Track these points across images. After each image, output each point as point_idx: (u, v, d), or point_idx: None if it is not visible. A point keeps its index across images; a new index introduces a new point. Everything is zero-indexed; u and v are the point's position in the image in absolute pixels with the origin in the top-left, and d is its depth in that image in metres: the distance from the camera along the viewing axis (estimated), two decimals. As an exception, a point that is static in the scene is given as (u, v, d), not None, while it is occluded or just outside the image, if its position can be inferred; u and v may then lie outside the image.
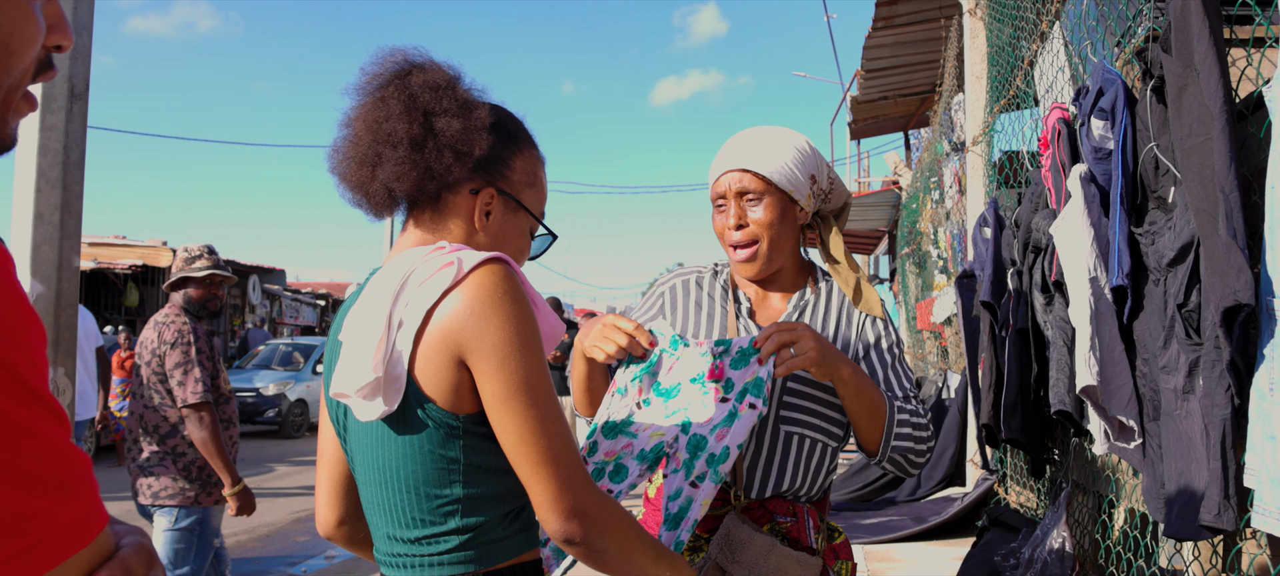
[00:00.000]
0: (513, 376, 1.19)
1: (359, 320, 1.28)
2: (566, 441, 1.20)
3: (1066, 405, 2.59)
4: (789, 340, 1.63)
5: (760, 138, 1.79)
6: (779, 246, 1.78)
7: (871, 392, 1.69)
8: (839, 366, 1.65)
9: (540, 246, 1.46)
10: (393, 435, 1.27)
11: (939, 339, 8.14)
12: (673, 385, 1.68)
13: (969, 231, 4.80)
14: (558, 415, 1.21)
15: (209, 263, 3.68)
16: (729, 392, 1.64)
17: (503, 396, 1.19)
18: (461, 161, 1.29)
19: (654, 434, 1.65)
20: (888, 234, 14.68)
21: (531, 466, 1.19)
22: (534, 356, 1.20)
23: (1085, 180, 2.38)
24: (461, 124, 1.28)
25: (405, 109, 1.27)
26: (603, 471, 1.65)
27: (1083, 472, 3.32)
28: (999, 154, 4.58)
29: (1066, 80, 3.18)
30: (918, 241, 9.24)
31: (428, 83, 1.29)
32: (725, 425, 1.61)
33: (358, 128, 1.30)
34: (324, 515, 1.48)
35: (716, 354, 1.66)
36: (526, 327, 1.20)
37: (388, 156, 1.27)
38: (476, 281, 1.21)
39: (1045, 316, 2.88)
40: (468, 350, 1.20)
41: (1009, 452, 4.54)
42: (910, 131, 12.86)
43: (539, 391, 1.19)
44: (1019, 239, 3.13)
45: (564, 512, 1.19)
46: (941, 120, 7.43)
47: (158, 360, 3.47)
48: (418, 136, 1.27)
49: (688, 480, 1.60)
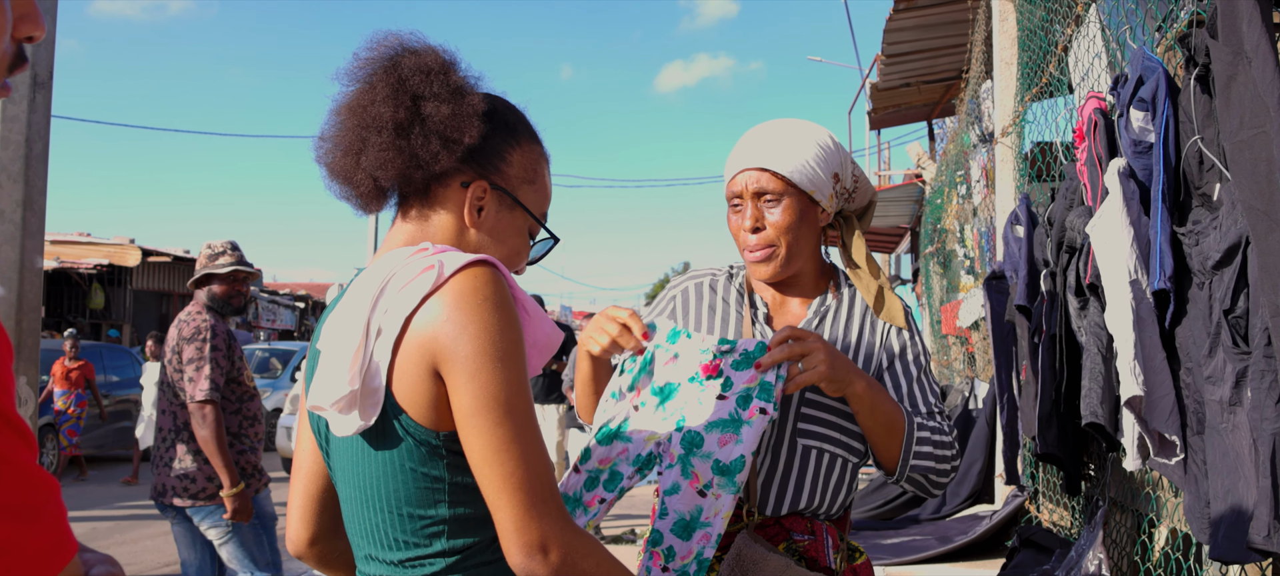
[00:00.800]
0: (483, 390, 1.17)
1: (337, 327, 1.28)
2: (538, 466, 1.18)
3: (1099, 417, 2.59)
4: (798, 353, 1.63)
5: (780, 133, 1.78)
6: (798, 250, 1.79)
7: (888, 408, 1.69)
8: (852, 380, 1.65)
9: (540, 250, 1.45)
10: (372, 451, 1.27)
11: (965, 345, 8.13)
12: (669, 384, 1.69)
13: (998, 229, 4.80)
14: (532, 437, 1.19)
15: (233, 259, 3.90)
16: (728, 392, 1.64)
17: (470, 411, 1.18)
18: (450, 149, 1.29)
19: (649, 437, 1.66)
20: (910, 231, 14.67)
21: (494, 490, 1.18)
22: (509, 370, 1.18)
23: (1124, 176, 2.38)
24: (451, 109, 1.28)
25: (393, 92, 1.27)
26: (597, 480, 1.66)
27: (1120, 489, 3.32)
28: (1030, 146, 4.58)
29: (1103, 67, 3.18)
30: (942, 239, 9.24)
31: (419, 66, 1.29)
32: (727, 429, 1.62)
33: (345, 114, 1.30)
34: (296, 531, 1.48)
35: (718, 351, 1.67)
36: (505, 339, 1.19)
37: (372, 142, 1.27)
38: (457, 286, 1.20)
39: (1079, 321, 2.88)
40: (442, 360, 1.20)
41: (1041, 468, 4.54)
42: (934, 121, 12.85)
43: (510, 408, 1.18)
44: (1052, 238, 3.12)
45: (527, 545, 1.17)
46: (968, 109, 7.42)
47: (177, 357, 3.70)
48: (403, 121, 1.27)
49: (686, 478, 1.61)
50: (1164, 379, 2.26)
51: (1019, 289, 3.57)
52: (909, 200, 12.92)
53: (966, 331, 7.70)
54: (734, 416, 1.63)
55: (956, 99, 9.32)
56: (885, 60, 9.72)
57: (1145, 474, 3.02)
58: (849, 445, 1.76)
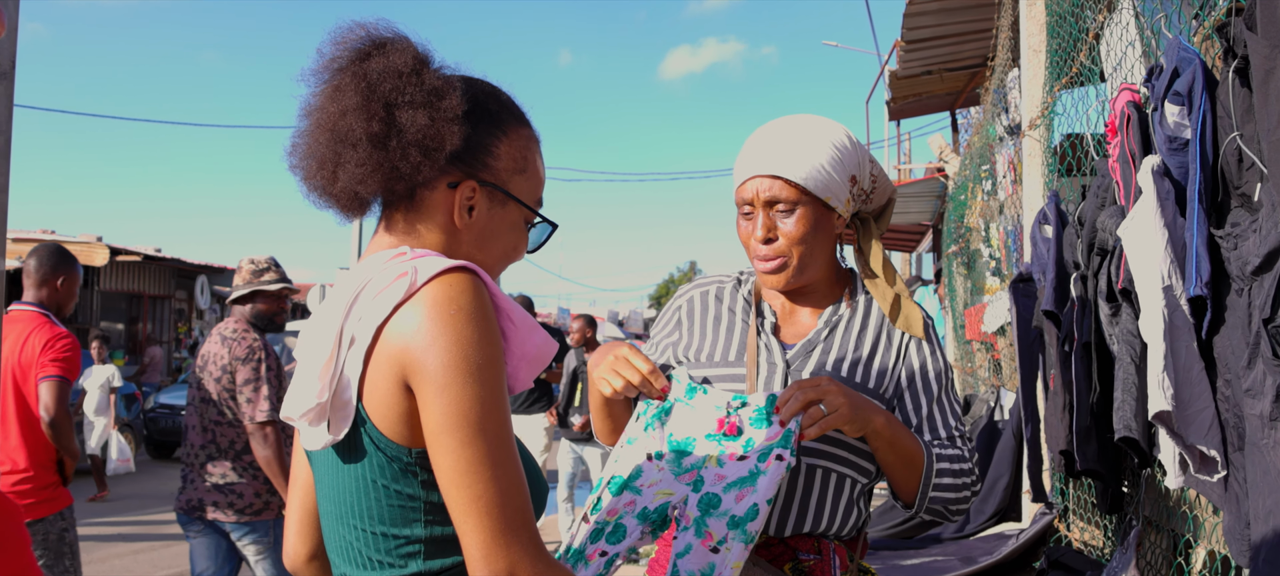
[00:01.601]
0: (452, 407, 1.18)
1: (312, 335, 1.29)
2: (510, 489, 1.18)
3: (1132, 431, 2.59)
4: (814, 398, 1.64)
5: (793, 134, 1.78)
6: (812, 260, 1.79)
7: (906, 443, 1.71)
8: (872, 418, 1.67)
9: (538, 238, 1.45)
10: (343, 465, 1.28)
11: (991, 351, 8.13)
12: (686, 438, 1.70)
13: (1025, 227, 4.80)
14: (504, 458, 1.19)
15: (277, 276, 4.26)
16: (749, 451, 1.65)
17: (438, 429, 1.18)
18: (431, 158, 1.29)
19: (661, 492, 1.67)
20: (932, 229, 14.67)
21: (461, 513, 1.18)
22: (481, 385, 1.18)
23: (1158, 174, 2.39)
24: (429, 116, 1.28)
25: (364, 101, 1.27)
26: (601, 532, 1.67)
27: (1155, 508, 3.32)
28: (1060, 138, 4.58)
29: (1137, 57, 3.19)
30: (966, 238, 9.24)
31: (388, 68, 1.28)
32: (745, 485, 1.63)
33: (315, 124, 1.30)
34: (293, 547, 1.49)
35: (732, 409, 1.68)
36: (479, 351, 1.19)
37: (348, 157, 1.27)
38: (430, 295, 1.21)
39: (1111, 329, 2.89)
40: (412, 373, 1.20)
41: (1072, 483, 4.54)
42: (958, 111, 12.85)
43: (481, 426, 1.18)
44: (1083, 239, 3.13)
45: (493, 573, 1.17)
46: (994, 99, 7.43)
47: (228, 376, 3.97)
48: (379, 133, 1.27)
49: (700, 538, 1.62)
50: (1202, 391, 2.26)
51: (1047, 293, 3.58)
52: (931, 196, 12.92)
53: (992, 337, 7.70)
54: (754, 471, 1.65)
55: (981, 88, 9.32)
56: (905, 46, 9.73)
57: (1183, 492, 3.03)
58: (858, 465, 1.77)
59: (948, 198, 11.32)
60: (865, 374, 1.80)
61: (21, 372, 3.86)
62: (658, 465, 1.69)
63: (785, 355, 1.82)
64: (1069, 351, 3.32)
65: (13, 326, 3.93)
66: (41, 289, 4.02)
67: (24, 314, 3.97)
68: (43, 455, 3.83)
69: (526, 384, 1.34)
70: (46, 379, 3.81)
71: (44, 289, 4.02)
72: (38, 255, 4.06)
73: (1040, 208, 3.96)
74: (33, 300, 4.02)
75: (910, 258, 18.37)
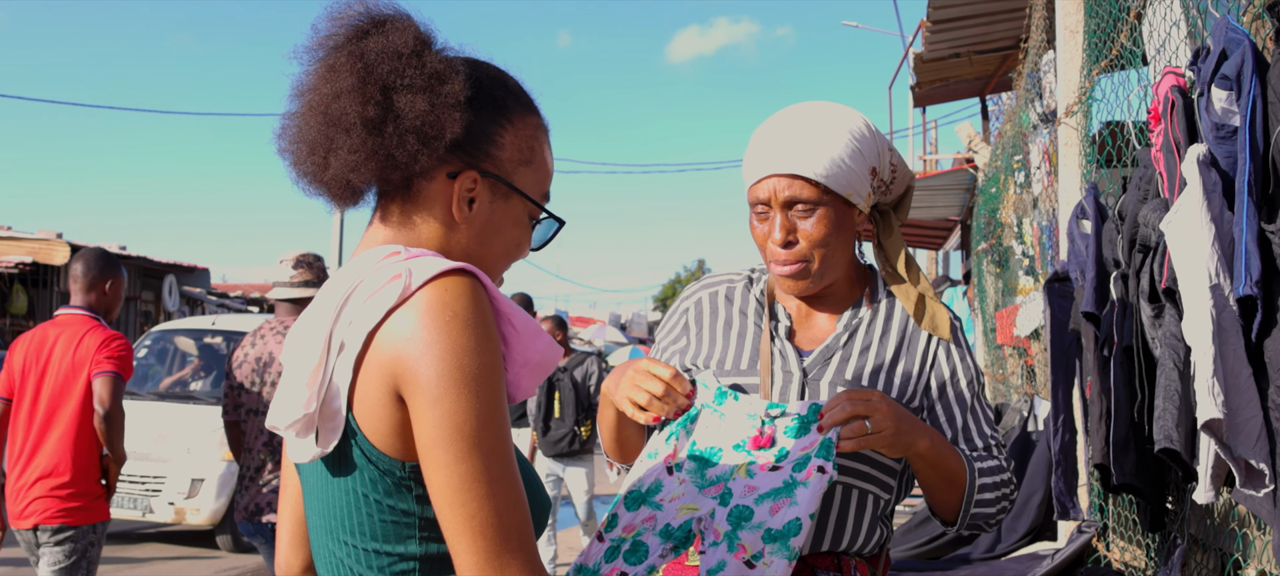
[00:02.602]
0: (445, 419, 1.19)
1: (300, 339, 1.30)
2: (506, 506, 1.19)
3: (1174, 443, 2.60)
4: (862, 412, 1.64)
5: (810, 126, 1.77)
6: (833, 261, 1.80)
7: (950, 462, 1.72)
8: (916, 439, 1.68)
9: (544, 235, 1.46)
10: (333, 479, 1.29)
11: (1024, 356, 8.14)
12: (711, 448, 1.69)
13: (1062, 223, 4.81)
14: (501, 474, 1.20)
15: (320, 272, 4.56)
16: (782, 461, 1.66)
17: (431, 442, 1.19)
18: (430, 147, 1.30)
19: (684, 507, 1.67)
20: (960, 224, 14.66)
21: (454, 532, 1.19)
22: (478, 397, 1.19)
23: (1204, 164, 2.39)
24: (429, 102, 1.28)
25: (359, 83, 1.28)
26: (617, 551, 1.67)
27: (1201, 525, 3.33)
28: (1098, 126, 4.58)
29: (1182, 38, 3.19)
30: (998, 234, 9.24)
31: (387, 49, 1.29)
32: (780, 496, 1.63)
33: (307, 105, 1.31)
34: (285, 558, 1.51)
35: (767, 418, 1.68)
36: (475, 361, 1.20)
37: (341, 143, 1.28)
38: (424, 299, 1.22)
39: (1154, 332, 2.89)
40: (404, 383, 1.21)
41: (1111, 499, 4.55)
42: (988, 97, 12.84)
43: (477, 440, 1.19)
44: (1124, 234, 3.14)
45: None
46: (1027, 83, 7.43)
47: None
48: (374, 118, 1.28)
49: (733, 552, 1.62)
50: (1250, 398, 2.27)
51: (1087, 293, 3.58)
52: (959, 189, 12.92)
53: (1025, 341, 7.71)
54: (789, 482, 1.65)
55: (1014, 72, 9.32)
56: (931, 26, 9.72)
57: (1232, 507, 3.03)
58: (881, 481, 1.78)
59: (977, 191, 11.32)
60: (888, 382, 1.80)
61: (73, 374, 4.24)
62: (679, 478, 1.69)
63: (802, 363, 1.82)
64: (1108, 356, 3.32)
65: (64, 330, 4.37)
66: (90, 293, 4.43)
67: (74, 317, 4.40)
68: (87, 459, 4.23)
69: (529, 392, 1.34)
70: (102, 374, 4.19)
71: (92, 293, 4.43)
72: (84, 260, 4.46)
73: (1077, 201, 3.96)
74: (82, 304, 4.43)
75: (936, 256, 18.36)
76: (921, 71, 11.51)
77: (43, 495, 4.21)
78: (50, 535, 4.19)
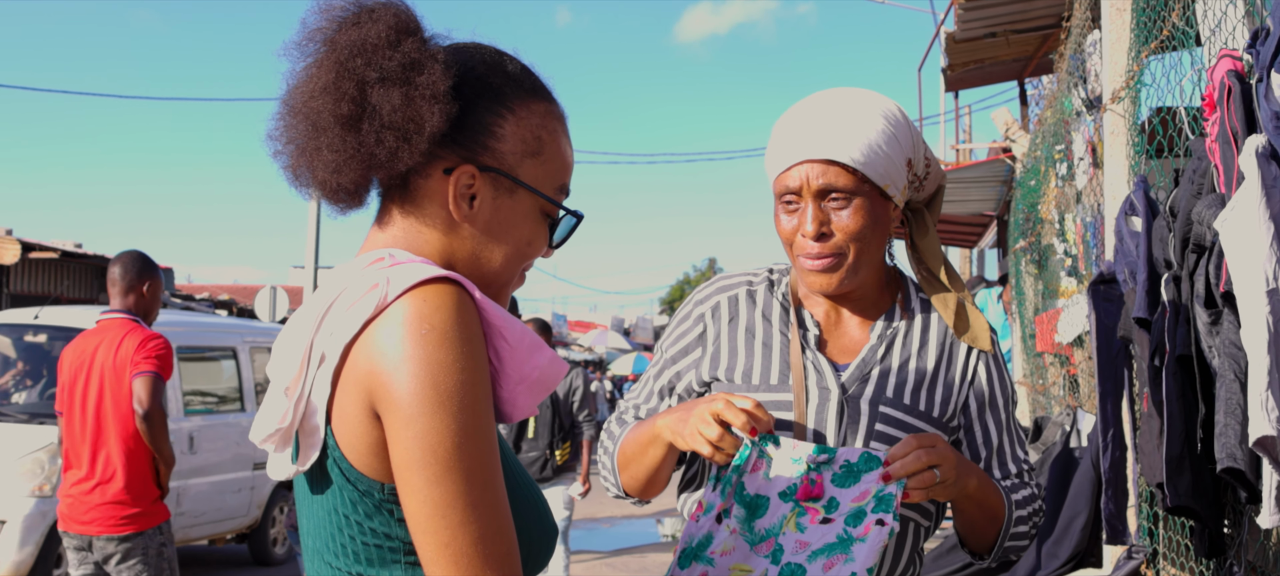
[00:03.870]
0: (417, 440, 1.20)
1: (284, 348, 1.32)
2: (483, 534, 1.20)
3: (1238, 461, 2.60)
4: (933, 461, 1.65)
5: (843, 110, 1.77)
6: (867, 258, 1.80)
7: (993, 499, 1.75)
8: (967, 480, 1.70)
9: (561, 232, 1.46)
10: (314, 497, 1.32)
11: (1066, 365, 8.13)
12: (760, 496, 1.71)
13: (1107, 219, 4.81)
14: (479, 498, 1.21)
15: None
16: (833, 514, 1.67)
17: (404, 465, 1.21)
18: (410, 143, 1.30)
19: (737, 568, 1.68)
20: (996, 220, 14.66)
21: (429, 559, 1.20)
22: (453, 417, 1.20)
23: (1263, 156, 2.40)
24: (402, 93, 1.29)
25: (333, 80, 1.29)
26: None
27: (1261, 551, 3.33)
28: (1148, 113, 4.58)
29: (1239, 17, 3.20)
30: (1038, 231, 9.23)
31: (360, 41, 1.30)
32: (835, 552, 1.65)
33: (289, 105, 1.34)
34: None
35: (812, 465, 1.68)
36: (452, 378, 1.21)
37: (321, 143, 1.30)
38: (401, 311, 1.23)
39: (1211, 340, 2.89)
40: (379, 400, 1.23)
41: (1162, 523, 4.55)
42: (1027, 81, 12.84)
43: (452, 463, 1.20)
44: (1176, 232, 3.13)
45: None
46: (1069, 66, 7.43)
47: None
48: (348, 115, 1.29)
49: None
50: (1312, 412, 2.27)
51: (1138, 297, 3.57)
52: (995, 181, 12.91)
53: (1067, 348, 7.71)
54: (844, 537, 1.66)
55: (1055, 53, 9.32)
56: (965, 4, 9.73)
57: (1293, 531, 3.04)
58: (924, 509, 1.80)
59: (1015, 183, 11.31)
60: (929, 399, 1.80)
61: (116, 375, 4.57)
62: (729, 526, 1.70)
63: (840, 377, 1.82)
64: (1159, 366, 3.32)
65: (104, 334, 4.73)
66: (128, 296, 4.76)
67: (114, 321, 4.75)
68: (140, 463, 4.56)
69: (529, 411, 1.35)
70: (141, 374, 4.53)
71: (131, 296, 4.77)
72: (122, 263, 4.81)
73: (1125, 195, 3.96)
74: (120, 308, 4.77)
75: (970, 254, 18.35)
76: (954, 52, 11.51)
77: (101, 503, 4.56)
78: (116, 545, 4.52)
